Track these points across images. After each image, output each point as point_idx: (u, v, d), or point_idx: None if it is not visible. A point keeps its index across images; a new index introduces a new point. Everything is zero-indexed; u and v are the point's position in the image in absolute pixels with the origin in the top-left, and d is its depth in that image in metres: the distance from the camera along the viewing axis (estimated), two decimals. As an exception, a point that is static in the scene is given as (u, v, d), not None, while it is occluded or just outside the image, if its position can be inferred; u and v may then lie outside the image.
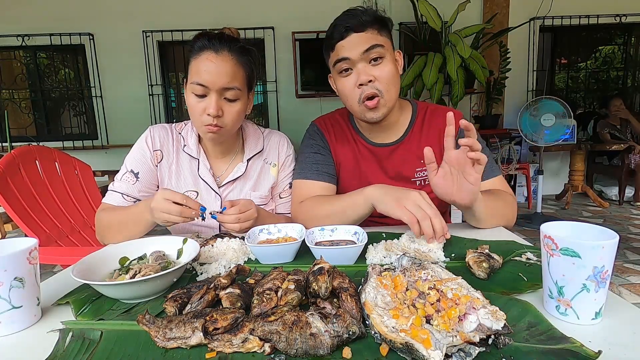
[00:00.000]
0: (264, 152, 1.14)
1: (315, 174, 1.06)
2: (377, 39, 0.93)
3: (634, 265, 2.50)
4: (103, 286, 0.59)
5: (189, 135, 1.09)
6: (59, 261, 1.46)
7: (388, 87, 0.95)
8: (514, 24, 4.19)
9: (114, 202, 1.01)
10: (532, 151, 4.47)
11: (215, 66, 0.91)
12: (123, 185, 1.03)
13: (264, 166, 1.13)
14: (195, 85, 0.92)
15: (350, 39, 0.94)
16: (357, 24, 0.93)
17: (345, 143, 1.10)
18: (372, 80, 0.94)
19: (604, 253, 0.47)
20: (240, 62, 0.95)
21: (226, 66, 0.92)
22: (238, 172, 1.09)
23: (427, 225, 0.73)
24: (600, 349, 0.42)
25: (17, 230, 3.05)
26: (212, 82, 0.91)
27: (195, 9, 4.29)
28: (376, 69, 0.94)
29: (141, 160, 1.05)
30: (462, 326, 0.44)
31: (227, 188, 1.10)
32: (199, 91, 0.92)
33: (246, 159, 1.10)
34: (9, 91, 4.50)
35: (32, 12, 4.20)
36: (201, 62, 0.92)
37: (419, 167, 1.06)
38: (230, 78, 0.93)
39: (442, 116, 1.05)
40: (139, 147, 1.06)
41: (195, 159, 1.08)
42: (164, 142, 1.08)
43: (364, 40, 0.93)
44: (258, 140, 1.14)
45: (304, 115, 4.33)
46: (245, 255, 0.78)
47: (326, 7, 4.23)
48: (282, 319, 0.46)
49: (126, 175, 1.03)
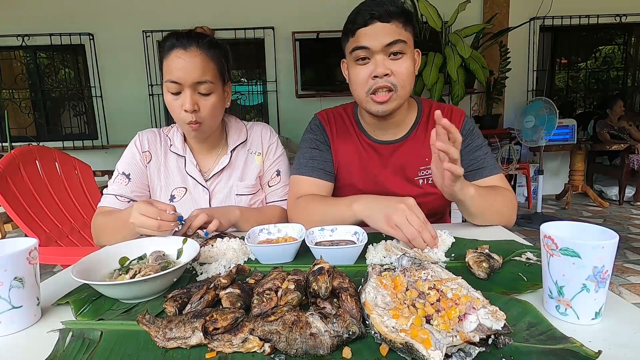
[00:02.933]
0: (247, 143, 1.15)
1: (310, 170, 1.05)
2: (400, 34, 0.91)
3: (634, 265, 2.50)
4: (103, 286, 0.59)
5: (174, 135, 1.13)
6: (59, 261, 1.46)
7: (404, 84, 0.94)
8: (514, 24, 4.20)
9: (109, 204, 1.04)
10: (532, 151, 4.47)
11: (185, 62, 0.93)
12: (116, 187, 1.05)
13: (248, 156, 1.15)
14: (169, 83, 0.95)
15: (374, 28, 0.90)
16: (384, 12, 0.89)
17: (347, 138, 1.09)
18: (389, 74, 0.92)
19: (604, 253, 0.47)
20: (209, 56, 0.97)
21: (195, 61, 0.94)
22: (223, 163, 1.11)
23: (419, 243, 0.73)
24: (600, 349, 0.42)
25: (17, 230, 3.05)
26: (183, 78, 0.93)
27: (195, 9, 4.29)
28: (394, 63, 0.92)
29: (132, 162, 1.08)
30: (462, 326, 0.44)
31: (214, 180, 1.11)
32: (173, 89, 0.95)
33: (230, 150, 1.12)
34: (9, 91, 4.50)
35: (32, 12, 4.20)
36: (171, 61, 0.94)
37: (422, 165, 1.05)
38: (200, 72, 0.94)
39: (445, 113, 1.05)
40: (129, 151, 1.10)
41: (182, 157, 1.11)
42: (152, 144, 1.11)
43: (388, 32, 0.90)
44: (241, 131, 1.16)
45: (304, 115, 4.32)
46: (245, 255, 0.78)
47: (326, 7, 4.24)
48: (282, 319, 0.46)
49: (118, 177, 1.07)
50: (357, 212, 0.86)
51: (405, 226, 0.73)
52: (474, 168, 1.02)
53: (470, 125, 1.06)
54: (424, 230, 0.73)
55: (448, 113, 1.06)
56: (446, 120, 0.74)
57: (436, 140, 0.75)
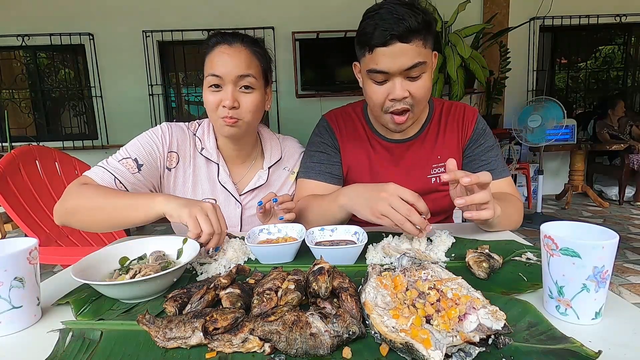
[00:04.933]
0: (282, 160, 1.10)
1: (317, 173, 1.04)
2: (420, 54, 0.85)
3: (634, 265, 2.50)
4: (103, 286, 0.59)
5: (205, 137, 1.03)
6: (59, 261, 1.46)
7: (421, 102, 0.92)
8: (514, 24, 4.20)
9: (100, 181, 0.88)
10: (532, 151, 4.47)
11: (229, 56, 0.91)
12: (121, 169, 0.90)
13: (284, 174, 1.10)
14: (210, 77, 0.91)
15: (394, 49, 0.84)
16: (404, 31, 0.83)
17: (357, 140, 1.07)
18: (407, 97, 0.89)
19: (604, 253, 0.47)
20: (254, 52, 0.94)
21: (240, 55, 0.92)
22: (260, 180, 1.05)
23: (408, 227, 0.72)
24: (600, 349, 0.42)
25: (17, 230, 3.05)
26: (226, 72, 0.90)
27: (195, 9, 4.29)
28: (413, 84, 0.88)
29: (149, 154, 0.95)
30: (462, 326, 0.44)
31: (248, 196, 1.05)
32: (214, 82, 0.91)
33: (267, 167, 1.06)
34: (9, 91, 4.50)
35: (32, 12, 4.20)
36: (215, 56, 0.92)
37: (435, 162, 1.04)
38: (245, 66, 0.92)
39: (458, 110, 1.05)
40: (151, 141, 0.96)
41: (214, 164, 1.02)
42: (182, 144, 1.00)
43: (408, 55, 0.84)
44: (277, 146, 1.10)
45: (304, 115, 4.34)
46: (245, 255, 0.78)
47: (326, 7, 4.24)
48: (282, 319, 0.46)
49: (127, 161, 0.92)
50: (343, 206, 0.85)
51: (392, 214, 0.72)
52: (484, 169, 0.99)
53: (483, 124, 1.05)
54: (412, 213, 0.71)
55: (460, 112, 1.05)
56: (468, 179, 0.69)
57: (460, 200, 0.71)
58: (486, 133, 1.05)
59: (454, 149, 1.04)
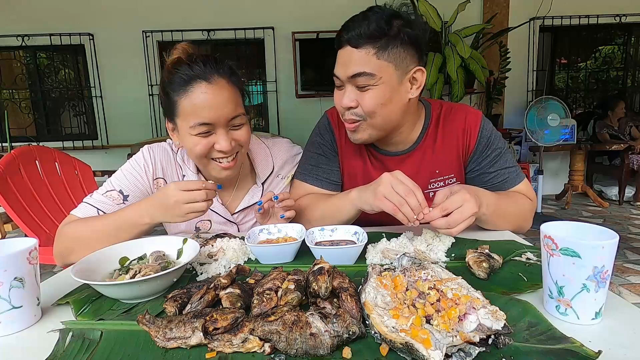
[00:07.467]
0: (274, 170, 1.06)
1: (314, 179, 1.02)
2: (367, 64, 0.80)
3: (634, 265, 2.50)
4: (103, 286, 0.59)
5: (185, 164, 0.97)
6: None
7: (374, 116, 0.85)
8: (514, 24, 4.19)
9: (82, 216, 0.87)
10: (532, 151, 4.47)
11: (214, 97, 0.80)
12: (105, 201, 0.88)
13: (278, 182, 1.07)
14: (197, 126, 0.81)
15: (343, 53, 0.82)
16: (355, 36, 0.79)
17: (354, 146, 1.01)
18: (353, 107, 0.85)
19: (604, 253, 0.47)
20: (234, 84, 0.85)
21: (224, 94, 0.81)
22: (254, 198, 1.00)
23: (406, 210, 0.72)
24: (600, 349, 0.42)
25: (17, 230, 3.04)
26: (216, 117, 0.80)
27: (195, 9, 4.29)
28: (362, 95, 0.83)
29: (135, 185, 0.92)
30: (462, 326, 0.44)
31: (242, 214, 1.03)
32: (202, 129, 0.81)
33: (261, 183, 1.03)
34: (9, 91, 4.50)
35: (32, 12, 4.20)
36: (196, 98, 0.79)
37: (432, 178, 0.98)
38: (233, 106, 0.82)
39: (458, 116, 0.97)
40: (134, 170, 0.93)
41: None
42: (167, 168, 0.96)
43: (353, 62, 0.81)
44: (266, 158, 1.05)
45: (304, 115, 4.34)
46: (245, 255, 0.78)
47: (326, 7, 4.24)
48: (282, 319, 0.46)
49: (112, 193, 0.89)
50: (353, 199, 0.85)
51: (392, 195, 0.73)
52: (495, 182, 0.95)
53: (488, 130, 0.96)
54: (410, 195, 0.72)
55: (461, 119, 0.96)
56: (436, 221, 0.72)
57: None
58: (492, 140, 0.96)
59: (454, 162, 0.98)
